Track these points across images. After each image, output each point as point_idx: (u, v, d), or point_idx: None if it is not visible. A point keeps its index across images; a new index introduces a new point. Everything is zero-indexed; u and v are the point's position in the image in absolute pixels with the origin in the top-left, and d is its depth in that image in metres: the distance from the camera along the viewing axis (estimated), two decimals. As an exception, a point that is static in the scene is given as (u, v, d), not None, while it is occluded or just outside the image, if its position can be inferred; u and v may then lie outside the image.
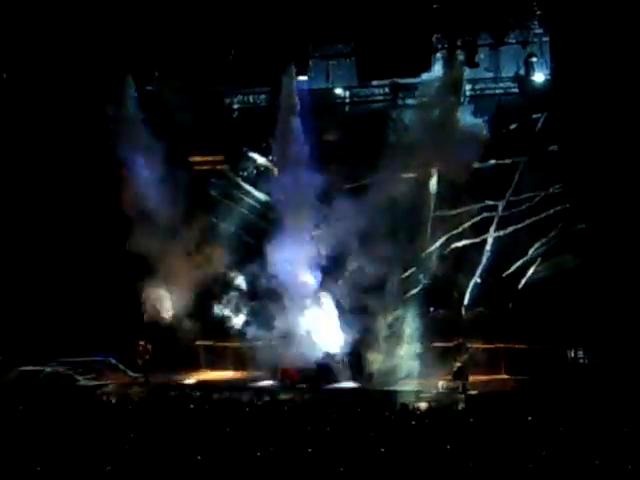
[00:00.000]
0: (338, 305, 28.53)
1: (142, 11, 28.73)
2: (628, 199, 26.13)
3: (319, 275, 28.55)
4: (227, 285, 29.81)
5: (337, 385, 26.99)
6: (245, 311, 29.33)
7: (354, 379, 27.23)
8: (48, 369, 28.10)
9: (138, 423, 19.20)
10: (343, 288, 28.49)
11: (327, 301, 28.46)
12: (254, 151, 30.69)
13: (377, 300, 27.96)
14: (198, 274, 29.20)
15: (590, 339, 26.48)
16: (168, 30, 28.88)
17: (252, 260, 29.24)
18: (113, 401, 22.62)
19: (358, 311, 28.19)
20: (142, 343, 28.38)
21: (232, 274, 29.75)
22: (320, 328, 28.34)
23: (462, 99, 27.99)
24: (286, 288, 28.21)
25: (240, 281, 29.71)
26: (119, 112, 29.17)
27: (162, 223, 28.81)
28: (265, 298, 28.75)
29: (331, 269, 28.72)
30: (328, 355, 27.64)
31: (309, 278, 28.41)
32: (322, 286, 28.54)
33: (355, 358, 27.60)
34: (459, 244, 29.10)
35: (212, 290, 29.70)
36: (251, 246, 30.25)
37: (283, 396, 24.51)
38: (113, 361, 29.31)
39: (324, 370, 27.24)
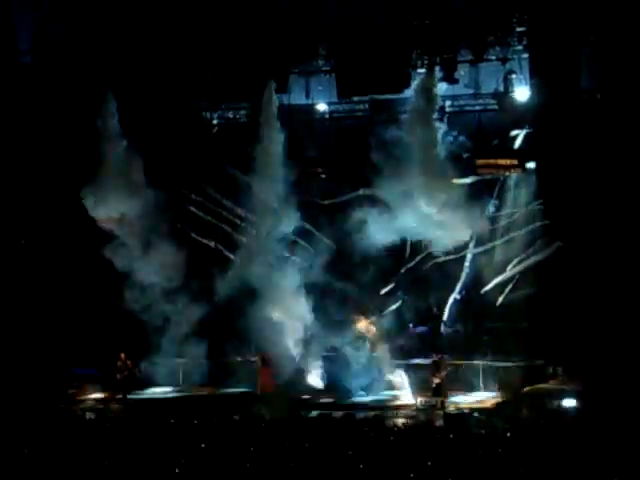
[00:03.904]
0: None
1: (122, 27, 28.76)
2: (607, 216, 26.19)
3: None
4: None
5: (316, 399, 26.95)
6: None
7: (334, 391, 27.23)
8: None
9: (115, 440, 19.08)
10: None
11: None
12: (234, 167, 30.60)
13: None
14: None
15: (569, 356, 26.53)
16: (148, 45, 28.91)
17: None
18: (90, 417, 22.41)
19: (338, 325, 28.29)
20: (123, 357, 28.20)
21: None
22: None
23: (439, 115, 28.02)
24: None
25: None
26: (100, 129, 29.06)
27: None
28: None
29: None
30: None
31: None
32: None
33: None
34: (438, 260, 29.14)
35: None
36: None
37: (262, 411, 24.34)
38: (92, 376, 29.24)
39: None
